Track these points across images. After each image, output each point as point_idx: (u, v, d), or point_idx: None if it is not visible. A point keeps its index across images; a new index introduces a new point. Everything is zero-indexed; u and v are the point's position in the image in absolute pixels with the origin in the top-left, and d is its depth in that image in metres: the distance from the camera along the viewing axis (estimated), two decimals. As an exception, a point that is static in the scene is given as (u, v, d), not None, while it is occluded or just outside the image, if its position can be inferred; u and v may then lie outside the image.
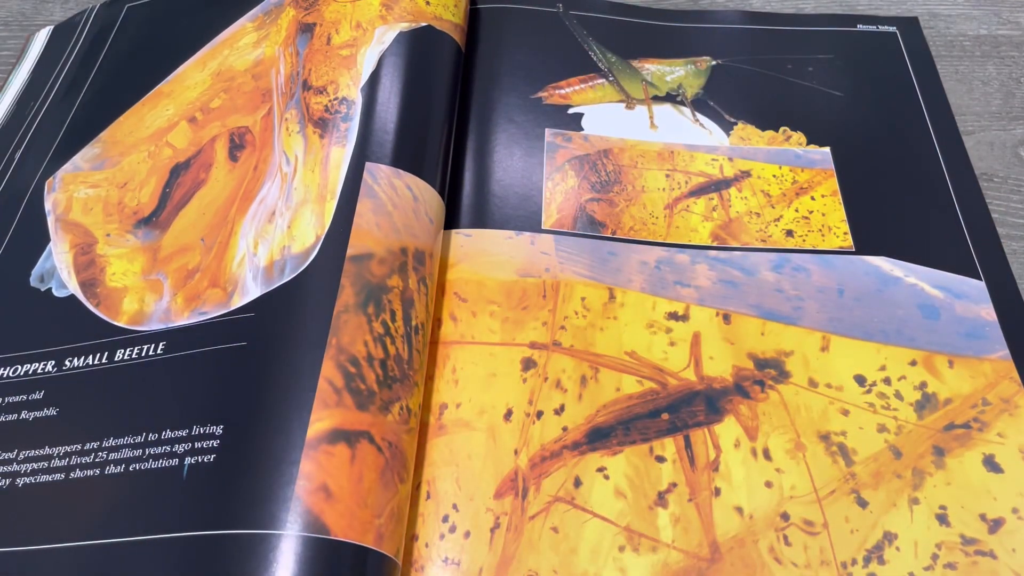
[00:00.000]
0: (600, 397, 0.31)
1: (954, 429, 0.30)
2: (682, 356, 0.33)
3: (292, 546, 0.23)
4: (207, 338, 0.29)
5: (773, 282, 0.35)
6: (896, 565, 0.28)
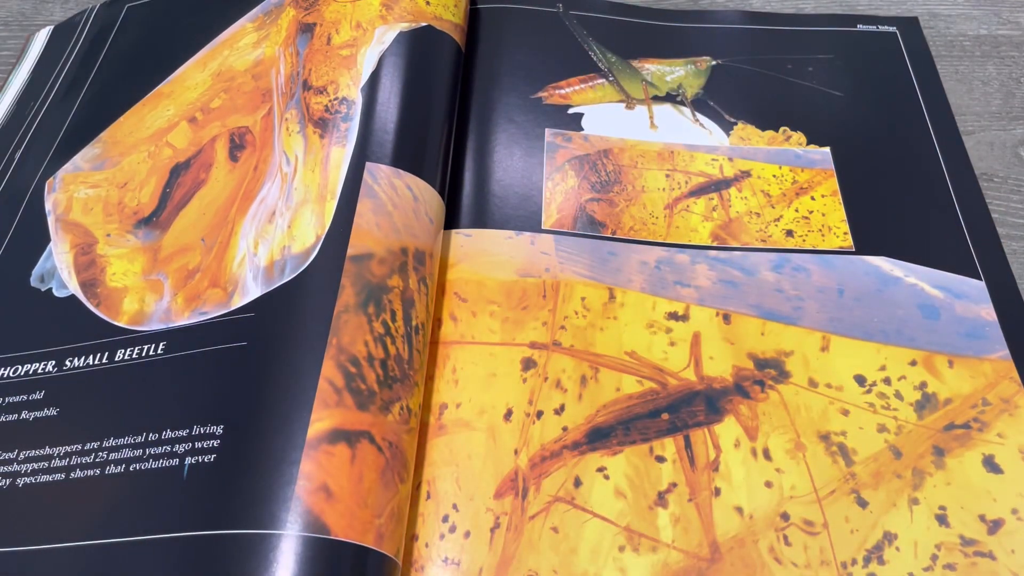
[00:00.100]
0: (600, 397, 0.31)
1: (954, 429, 0.30)
2: (682, 356, 0.33)
3: (292, 546, 0.23)
4: (207, 338, 0.29)
5: (773, 282, 0.35)
6: (896, 565, 0.28)
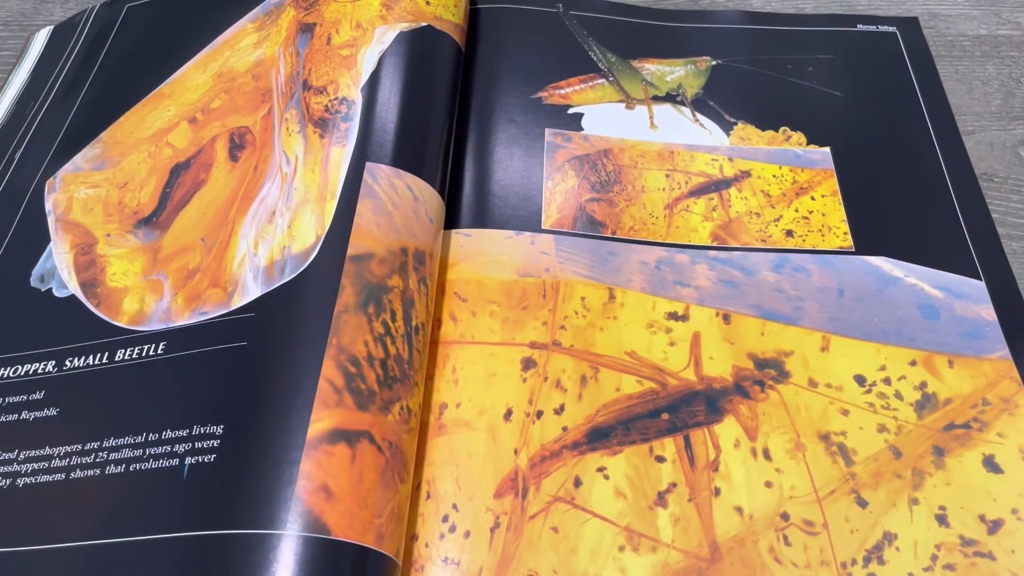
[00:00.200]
0: (600, 397, 0.31)
1: (954, 429, 0.30)
2: (682, 356, 0.33)
3: (292, 546, 0.23)
4: (207, 338, 0.29)
5: (773, 282, 0.35)
6: (895, 565, 0.28)
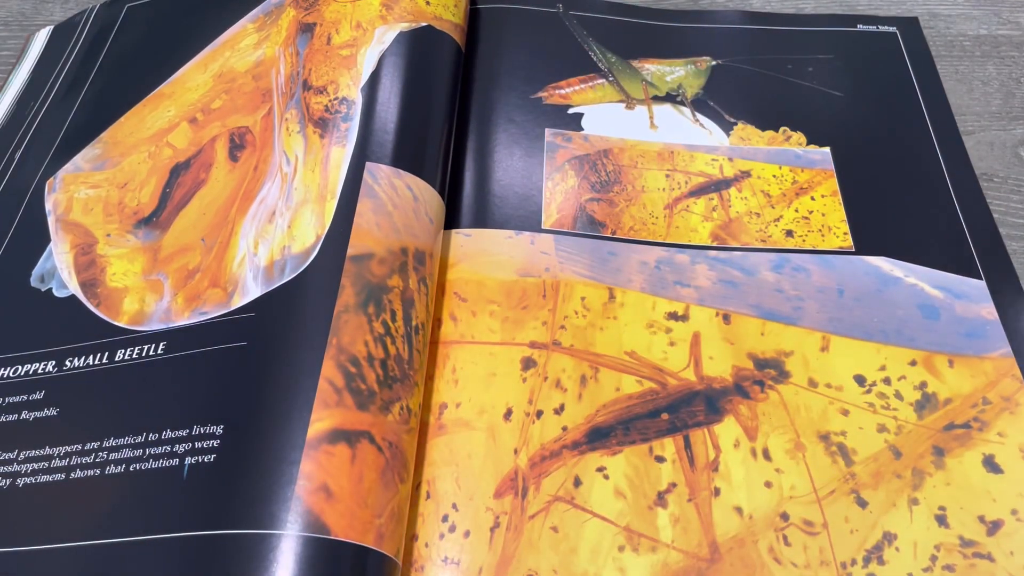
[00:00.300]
0: (600, 397, 0.31)
1: (954, 429, 0.30)
2: (682, 356, 0.33)
3: (292, 546, 0.23)
4: (207, 338, 0.29)
5: (773, 282, 0.35)
6: (895, 566, 0.28)
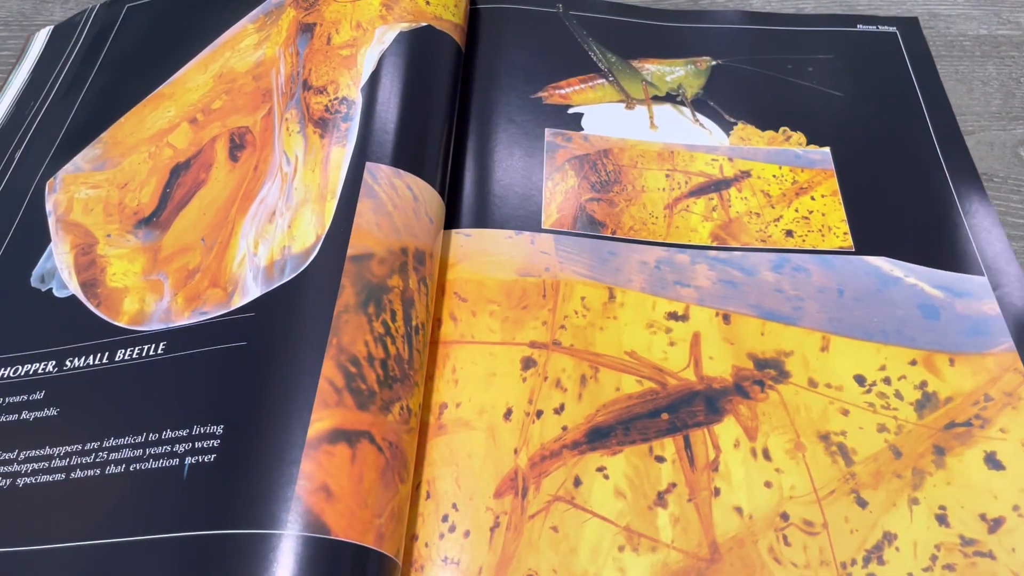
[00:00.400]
0: (600, 397, 0.31)
1: (955, 427, 0.30)
2: (682, 356, 0.33)
3: (292, 546, 0.23)
4: (207, 338, 0.29)
5: (773, 282, 0.35)
6: (895, 566, 0.28)
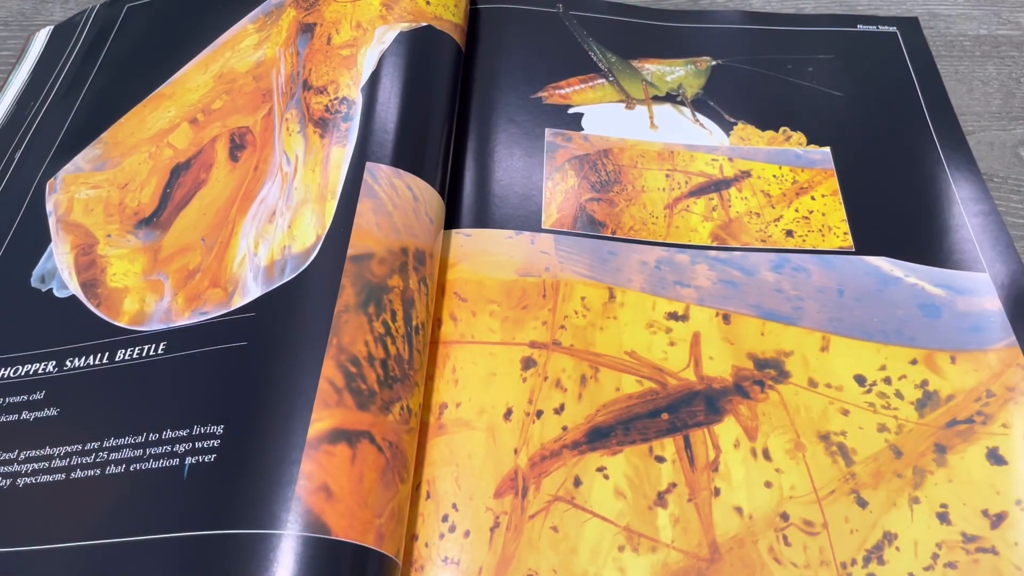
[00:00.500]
0: (600, 397, 0.31)
1: (956, 425, 0.30)
2: (682, 356, 0.33)
3: (292, 546, 0.23)
4: (208, 338, 0.29)
5: (773, 282, 0.35)
6: (896, 565, 0.28)
